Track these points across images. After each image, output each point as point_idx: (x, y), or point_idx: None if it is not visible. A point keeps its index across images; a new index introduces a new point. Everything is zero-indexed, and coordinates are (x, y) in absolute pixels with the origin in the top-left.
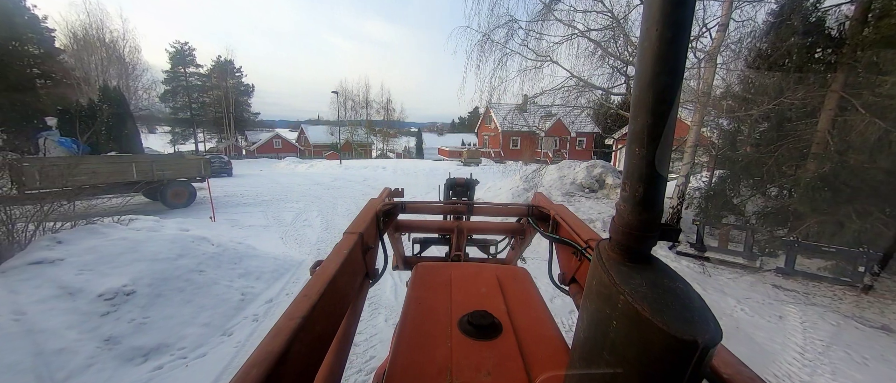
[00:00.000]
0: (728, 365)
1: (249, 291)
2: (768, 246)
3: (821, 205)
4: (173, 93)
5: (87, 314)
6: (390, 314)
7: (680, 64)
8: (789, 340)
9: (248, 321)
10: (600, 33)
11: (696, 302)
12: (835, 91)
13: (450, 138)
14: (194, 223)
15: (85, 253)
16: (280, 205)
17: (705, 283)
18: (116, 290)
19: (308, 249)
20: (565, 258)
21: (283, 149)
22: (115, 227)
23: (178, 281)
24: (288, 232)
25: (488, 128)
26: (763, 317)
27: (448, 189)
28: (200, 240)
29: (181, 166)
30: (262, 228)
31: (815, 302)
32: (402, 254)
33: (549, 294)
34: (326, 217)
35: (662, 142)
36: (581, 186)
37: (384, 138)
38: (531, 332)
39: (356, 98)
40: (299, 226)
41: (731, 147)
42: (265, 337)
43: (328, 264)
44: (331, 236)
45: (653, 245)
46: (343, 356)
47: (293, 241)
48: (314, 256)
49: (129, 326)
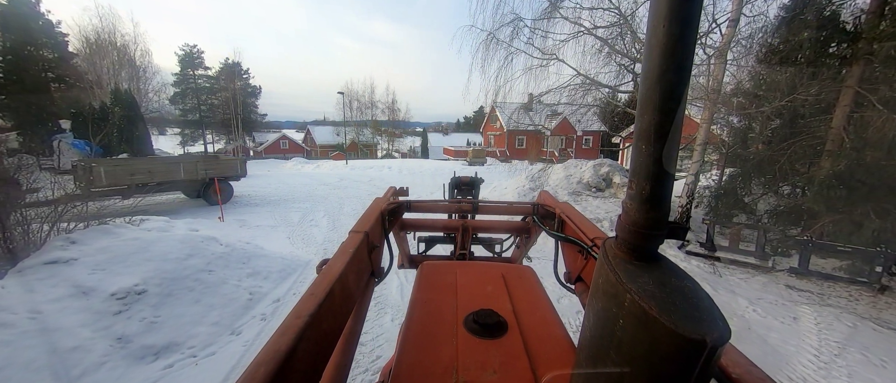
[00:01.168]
0: (737, 364)
1: (257, 291)
2: (781, 245)
3: (836, 204)
4: (183, 95)
5: (101, 313)
6: (397, 313)
7: (687, 61)
8: (804, 342)
9: (256, 320)
10: (607, 30)
11: (705, 301)
12: (850, 86)
13: (455, 138)
14: (203, 223)
15: (98, 252)
16: (287, 206)
17: (716, 284)
18: (128, 289)
19: (314, 249)
20: (571, 257)
21: (289, 150)
22: (126, 228)
23: (187, 280)
24: (295, 232)
25: (493, 128)
26: (776, 319)
27: (453, 188)
28: (209, 241)
29: (221, 166)
30: (270, 228)
31: (831, 302)
32: (407, 253)
33: (557, 294)
34: (333, 217)
35: (670, 140)
36: (588, 185)
37: (390, 138)
38: (537, 331)
39: (361, 98)
40: (306, 226)
41: (742, 144)
42: (273, 335)
43: (334, 263)
44: (337, 236)
45: (660, 243)
46: (349, 354)
47: (300, 241)
48: (321, 256)
49: (141, 325)
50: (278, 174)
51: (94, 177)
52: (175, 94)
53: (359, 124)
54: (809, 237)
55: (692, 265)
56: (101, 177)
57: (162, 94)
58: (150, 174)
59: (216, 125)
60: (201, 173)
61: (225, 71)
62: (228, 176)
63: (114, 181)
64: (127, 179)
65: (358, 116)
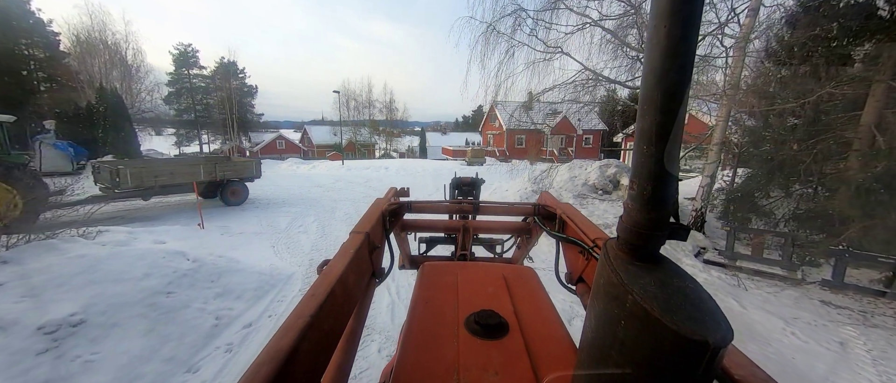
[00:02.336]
0: (740, 366)
1: (226, 314)
2: (808, 254)
3: (874, 209)
4: (177, 95)
5: (19, 353)
6: (386, 343)
7: (689, 61)
8: (861, 378)
9: (219, 352)
10: (616, 22)
11: (707, 302)
12: (882, 80)
13: (454, 137)
14: (181, 232)
15: (34, 274)
16: (276, 209)
17: (743, 298)
18: (61, 321)
19: (300, 259)
20: (572, 257)
21: (286, 150)
22: (75, 242)
23: (140, 306)
24: (280, 240)
25: (493, 127)
26: (820, 344)
27: (454, 188)
28: (174, 255)
29: (238, 168)
30: (253, 236)
31: (877, 323)
32: (408, 254)
33: (560, 295)
34: (323, 222)
35: (671, 140)
36: (594, 187)
37: (388, 138)
38: (538, 332)
39: (359, 98)
40: (294, 232)
41: (758, 144)
42: (274, 336)
43: (335, 263)
44: (326, 244)
45: (661, 244)
46: (350, 355)
47: (285, 250)
48: (306, 267)
49: (72, 366)
50: (271, 176)
51: (121, 178)
52: (170, 94)
53: (356, 124)
54: (845, 246)
55: (712, 276)
56: (128, 179)
57: (155, 93)
58: (172, 176)
59: (213, 125)
60: (219, 174)
61: (220, 70)
62: (244, 177)
63: (139, 182)
64: (151, 180)
65: (355, 116)
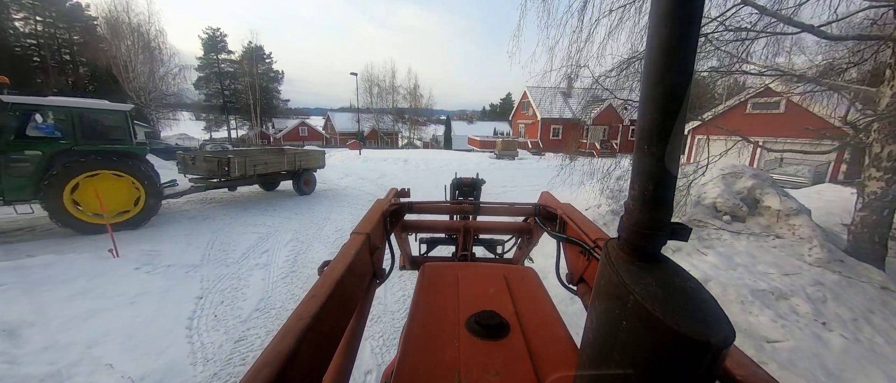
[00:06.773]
0: (742, 366)
1: None
2: None
3: None
4: (206, 80)
5: None
6: None
7: (689, 60)
8: None
9: None
10: None
11: (709, 302)
12: None
13: (481, 126)
14: (76, 261)
15: None
16: (244, 221)
17: None
18: None
19: (220, 338)
20: (573, 257)
21: (309, 136)
22: None
23: None
24: (220, 284)
25: (525, 116)
26: None
27: (454, 189)
28: None
29: (310, 158)
30: (183, 274)
31: None
32: (408, 254)
33: (561, 296)
34: (302, 244)
35: (672, 140)
36: (714, 209)
37: (411, 126)
38: (539, 332)
39: (383, 83)
40: (248, 266)
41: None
42: (274, 338)
43: (336, 264)
44: (287, 288)
45: (663, 244)
46: (351, 357)
47: (214, 313)
48: (229, 353)
49: None
50: None
51: (231, 168)
52: (199, 79)
53: (379, 112)
54: None
55: None
56: (235, 168)
57: (179, 77)
58: (266, 165)
59: (241, 110)
60: (298, 164)
61: (247, 55)
62: (313, 167)
63: (243, 172)
64: (252, 169)
65: (378, 103)
